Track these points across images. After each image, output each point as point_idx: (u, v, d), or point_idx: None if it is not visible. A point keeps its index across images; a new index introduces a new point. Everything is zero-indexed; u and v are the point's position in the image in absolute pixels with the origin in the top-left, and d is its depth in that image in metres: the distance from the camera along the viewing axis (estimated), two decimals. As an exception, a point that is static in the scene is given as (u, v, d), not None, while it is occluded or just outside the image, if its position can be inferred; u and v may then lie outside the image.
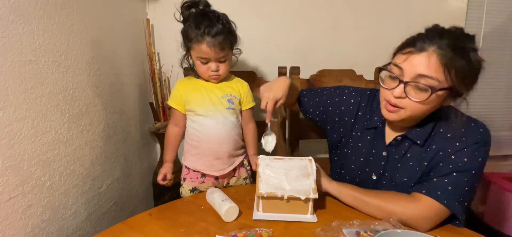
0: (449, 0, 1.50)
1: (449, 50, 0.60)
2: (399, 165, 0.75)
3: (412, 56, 0.63)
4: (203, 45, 0.82)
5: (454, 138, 0.69)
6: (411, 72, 0.63)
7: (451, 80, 0.61)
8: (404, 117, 0.68)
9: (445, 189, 0.66)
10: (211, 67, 0.86)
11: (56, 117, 0.79)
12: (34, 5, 0.71)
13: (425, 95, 0.63)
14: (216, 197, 0.76)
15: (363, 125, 0.83)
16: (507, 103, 1.69)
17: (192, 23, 0.83)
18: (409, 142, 0.74)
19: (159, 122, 1.36)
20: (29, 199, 0.71)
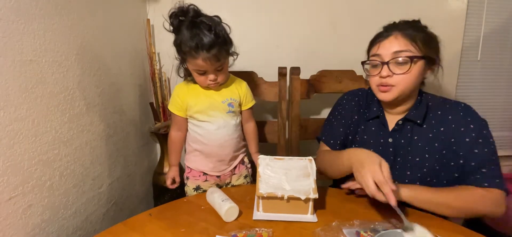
0: (449, 0, 1.50)
1: (408, 29, 0.75)
2: (409, 148, 0.80)
3: (383, 42, 0.76)
4: (198, 60, 0.79)
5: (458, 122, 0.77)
6: (388, 53, 0.75)
7: (421, 49, 0.74)
8: (398, 93, 0.76)
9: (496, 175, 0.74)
10: (209, 77, 0.84)
11: (56, 117, 0.79)
12: (35, 5, 0.71)
13: (406, 66, 0.74)
14: (216, 197, 0.76)
15: (364, 119, 0.88)
16: (507, 103, 1.69)
17: (184, 36, 0.79)
18: (410, 123, 0.80)
19: (159, 122, 1.36)
20: (29, 199, 0.71)
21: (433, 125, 0.79)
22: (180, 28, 0.80)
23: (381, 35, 0.78)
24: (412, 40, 0.73)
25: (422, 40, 0.74)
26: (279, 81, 1.25)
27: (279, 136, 1.26)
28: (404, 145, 0.81)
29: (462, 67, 1.58)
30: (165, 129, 1.35)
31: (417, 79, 0.76)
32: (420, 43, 0.74)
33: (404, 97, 0.79)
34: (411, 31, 0.74)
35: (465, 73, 1.60)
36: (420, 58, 0.74)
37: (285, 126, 1.27)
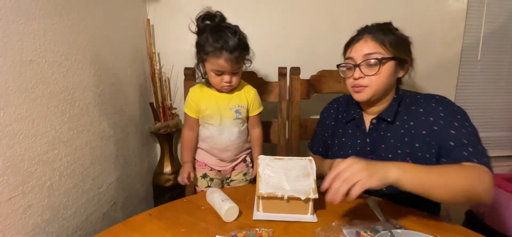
0: (449, 0, 1.50)
1: (378, 32, 0.79)
2: (383, 146, 0.82)
3: (355, 46, 0.81)
4: (220, 59, 0.84)
5: (429, 113, 0.78)
6: (359, 56, 0.79)
7: (390, 51, 0.77)
8: (371, 93, 0.80)
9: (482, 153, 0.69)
10: (225, 79, 0.89)
11: (56, 117, 0.79)
12: (35, 5, 0.71)
13: (376, 68, 0.77)
14: (216, 197, 0.76)
15: (343, 122, 0.93)
16: (507, 104, 1.69)
17: (210, 36, 0.85)
18: (384, 122, 0.83)
19: (159, 122, 1.36)
20: (29, 199, 0.71)
21: (404, 120, 0.81)
22: (206, 30, 0.87)
23: (354, 38, 0.83)
24: (381, 43, 0.78)
25: (390, 42, 0.78)
26: (279, 81, 1.25)
27: (279, 136, 1.26)
28: (379, 144, 0.83)
29: (462, 67, 1.58)
30: (165, 129, 1.35)
31: (389, 79, 0.79)
32: (389, 45, 0.77)
33: (378, 97, 0.82)
34: (380, 34, 0.78)
35: (465, 73, 1.60)
36: (389, 59, 0.78)
37: (285, 126, 1.27)
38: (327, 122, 1.00)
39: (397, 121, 0.83)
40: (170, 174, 1.38)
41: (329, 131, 0.97)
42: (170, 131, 1.36)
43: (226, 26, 0.88)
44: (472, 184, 0.64)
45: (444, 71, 1.56)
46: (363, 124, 0.88)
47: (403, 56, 0.80)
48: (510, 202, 1.41)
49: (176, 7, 1.41)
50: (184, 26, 1.42)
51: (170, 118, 1.39)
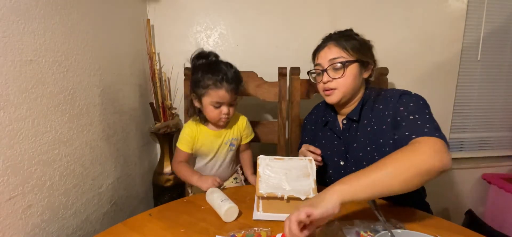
0: (449, 1, 1.50)
1: (340, 38, 0.86)
2: (355, 145, 0.86)
3: (320, 53, 0.89)
4: (221, 90, 0.88)
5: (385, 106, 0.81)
6: (325, 61, 0.86)
7: (352, 54, 0.84)
8: (340, 95, 0.86)
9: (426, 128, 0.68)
10: (223, 111, 0.91)
11: (56, 117, 0.79)
12: (35, 5, 0.71)
13: (341, 71, 0.84)
14: (216, 198, 0.76)
15: (321, 126, 0.98)
16: (507, 104, 1.69)
17: (208, 71, 0.89)
18: (354, 122, 0.88)
19: (159, 122, 1.36)
20: (29, 199, 0.71)
21: (369, 118, 0.85)
22: (201, 67, 0.92)
23: (320, 46, 0.90)
24: (343, 48, 0.84)
25: (352, 47, 0.84)
26: (279, 81, 1.25)
27: (279, 136, 1.26)
28: (352, 143, 0.87)
29: (462, 67, 1.58)
30: (165, 129, 1.35)
31: (354, 81, 0.85)
32: (351, 50, 0.84)
33: (347, 98, 0.88)
34: (342, 41, 0.85)
35: (465, 73, 1.60)
36: (352, 62, 0.84)
37: (285, 126, 1.27)
38: (308, 127, 1.06)
39: (364, 120, 0.86)
40: (170, 174, 1.38)
41: (310, 135, 1.03)
42: (170, 131, 1.36)
43: (221, 61, 0.95)
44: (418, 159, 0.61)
45: (444, 71, 1.56)
46: (337, 125, 0.93)
47: (365, 58, 0.86)
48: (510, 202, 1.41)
49: (176, 7, 1.41)
50: (184, 26, 1.44)
51: (170, 118, 1.39)
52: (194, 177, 0.90)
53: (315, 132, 1.01)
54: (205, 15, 1.43)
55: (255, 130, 1.26)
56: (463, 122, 1.68)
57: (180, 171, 0.96)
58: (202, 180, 0.88)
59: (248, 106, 1.50)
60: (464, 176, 1.73)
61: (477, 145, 1.72)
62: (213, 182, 0.86)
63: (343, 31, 0.90)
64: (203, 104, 0.92)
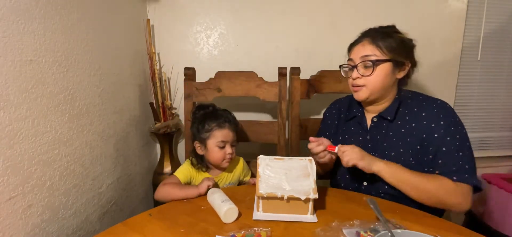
0: (449, 1, 1.50)
1: (376, 36, 0.83)
2: (385, 144, 0.86)
3: (354, 48, 0.87)
4: (224, 129, 0.96)
5: (430, 117, 0.83)
6: (357, 58, 0.85)
7: (385, 54, 0.82)
8: (368, 92, 0.85)
9: (466, 170, 0.77)
10: (227, 150, 0.97)
11: (56, 117, 0.79)
12: (35, 5, 0.71)
13: (370, 69, 0.83)
14: (216, 198, 0.76)
15: (345, 120, 0.98)
16: (507, 104, 1.69)
17: (211, 117, 0.98)
18: (385, 121, 0.88)
19: (159, 122, 1.36)
20: (29, 198, 0.71)
21: (406, 120, 0.86)
22: (203, 116, 0.99)
23: (355, 41, 0.88)
24: (377, 46, 0.82)
25: (387, 45, 0.82)
26: (279, 81, 1.25)
27: (279, 136, 1.26)
28: (380, 141, 0.87)
29: (462, 67, 1.58)
30: (165, 129, 1.35)
31: (384, 80, 0.83)
32: (385, 49, 0.82)
33: (376, 97, 0.87)
34: (378, 38, 0.83)
35: (465, 73, 1.60)
36: (383, 61, 0.82)
37: (285, 126, 1.27)
38: (329, 122, 1.04)
39: (398, 120, 0.86)
40: (170, 174, 1.37)
41: (331, 130, 1.02)
42: (170, 131, 1.36)
43: (218, 109, 1.03)
44: (440, 197, 0.76)
45: (444, 71, 1.56)
46: (365, 122, 0.92)
47: (399, 58, 0.83)
48: (510, 202, 1.41)
49: (176, 7, 1.41)
50: (184, 26, 1.44)
51: (170, 118, 1.39)
52: (190, 190, 0.85)
53: (337, 126, 1.01)
54: (205, 15, 1.43)
55: (255, 130, 1.26)
56: (463, 122, 1.67)
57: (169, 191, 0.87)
58: (199, 187, 0.85)
59: (248, 106, 1.50)
60: (464, 176, 1.72)
61: (477, 145, 1.72)
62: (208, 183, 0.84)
63: (384, 27, 0.87)
64: (208, 147, 0.97)
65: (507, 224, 1.42)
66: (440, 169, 0.79)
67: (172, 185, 0.90)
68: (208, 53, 1.46)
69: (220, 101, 1.25)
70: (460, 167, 0.78)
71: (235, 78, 1.25)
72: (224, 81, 1.25)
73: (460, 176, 0.77)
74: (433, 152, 0.81)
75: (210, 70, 1.34)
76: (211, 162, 0.99)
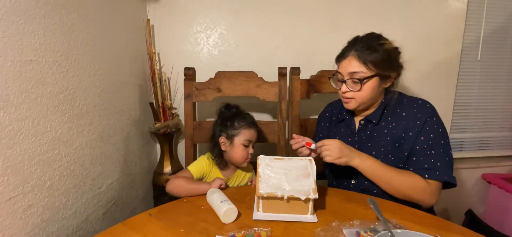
0: (449, 1, 1.50)
1: (362, 51, 0.84)
2: (369, 144, 0.91)
3: (341, 62, 0.89)
4: (251, 130, 1.02)
5: (409, 117, 0.87)
6: (345, 73, 0.87)
7: (371, 69, 0.84)
8: (357, 104, 0.89)
9: (438, 167, 0.82)
10: (250, 150, 1.01)
11: (56, 117, 0.79)
12: (35, 5, 0.71)
13: (358, 85, 0.85)
14: (216, 198, 0.76)
15: (336, 122, 1.03)
16: (507, 104, 1.69)
17: (239, 116, 1.02)
18: (371, 124, 0.92)
19: (159, 122, 1.36)
20: (29, 199, 0.71)
21: (389, 121, 0.90)
22: (232, 114, 1.03)
23: (342, 54, 0.89)
24: (364, 62, 0.83)
25: (373, 61, 0.83)
26: (279, 81, 1.25)
27: (279, 136, 1.26)
28: (366, 142, 0.92)
29: (462, 67, 1.58)
30: (165, 129, 1.35)
31: (372, 93, 0.86)
32: (371, 65, 0.83)
33: (366, 106, 0.91)
34: (364, 53, 0.83)
35: (465, 73, 1.60)
36: (370, 77, 0.84)
37: (285, 126, 1.27)
38: (322, 124, 1.10)
39: (382, 122, 0.91)
40: (170, 174, 1.38)
41: (324, 132, 1.07)
42: (170, 131, 1.36)
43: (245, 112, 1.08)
44: (409, 193, 0.82)
45: (444, 71, 1.56)
46: (353, 124, 0.97)
47: (386, 72, 0.86)
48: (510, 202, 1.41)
49: (176, 7, 1.41)
50: (184, 26, 1.44)
51: (170, 118, 1.39)
52: (202, 186, 0.88)
53: (330, 128, 1.05)
54: (205, 15, 1.43)
55: (255, 130, 1.26)
56: (463, 122, 1.68)
57: (181, 185, 0.89)
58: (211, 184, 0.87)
59: (248, 106, 1.50)
60: (464, 176, 1.73)
61: (477, 145, 1.72)
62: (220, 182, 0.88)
63: (370, 40, 0.87)
64: (235, 144, 1.00)
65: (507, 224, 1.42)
66: (414, 166, 0.84)
67: (185, 179, 0.92)
68: (208, 53, 1.46)
69: (220, 101, 1.25)
70: (431, 165, 0.82)
71: (235, 78, 1.25)
72: (224, 81, 1.25)
73: (431, 173, 0.81)
74: (408, 150, 0.85)
75: (210, 70, 1.35)
76: (233, 159, 1.01)
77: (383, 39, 0.87)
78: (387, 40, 0.87)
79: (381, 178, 0.84)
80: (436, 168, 0.82)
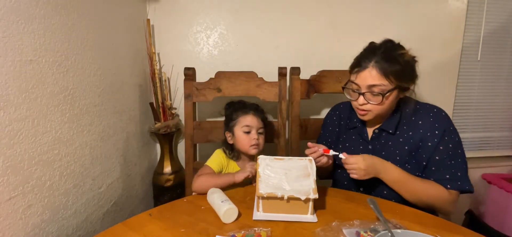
0: (449, 1, 1.50)
1: (383, 62, 0.80)
2: (383, 153, 0.88)
3: (360, 73, 0.83)
4: (248, 116, 1.01)
5: (425, 126, 0.86)
6: (363, 85, 0.83)
7: (393, 82, 0.80)
8: (374, 116, 0.86)
9: (458, 177, 0.82)
10: (252, 136, 1.00)
11: (56, 117, 0.79)
12: (35, 5, 0.71)
13: (379, 98, 0.81)
14: (216, 198, 0.76)
15: (346, 128, 1.00)
16: (507, 104, 1.69)
17: (237, 107, 1.04)
18: (385, 132, 0.90)
19: (159, 122, 1.36)
20: (29, 199, 0.71)
21: (404, 130, 0.88)
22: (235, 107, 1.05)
23: (360, 64, 0.83)
24: (385, 74, 0.79)
25: (395, 74, 0.79)
26: (279, 81, 1.25)
27: (279, 136, 1.26)
28: (380, 151, 0.89)
29: (462, 67, 1.58)
30: (165, 129, 1.35)
31: (390, 104, 0.84)
32: (393, 77, 0.80)
33: (382, 117, 0.89)
34: (385, 64, 0.79)
35: (465, 73, 1.60)
36: (392, 90, 0.81)
37: (285, 126, 1.27)
38: (330, 128, 1.05)
39: (397, 131, 0.89)
40: (170, 174, 1.38)
41: (333, 136, 1.03)
42: (170, 131, 1.36)
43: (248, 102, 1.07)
44: (432, 202, 0.82)
45: (444, 71, 1.56)
46: (365, 132, 0.94)
47: (406, 84, 0.83)
48: (510, 202, 1.41)
49: (176, 7, 1.41)
50: (184, 26, 1.44)
51: (170, 118, 1.39)
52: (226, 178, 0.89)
53: (339, 133, 1.02)
54: (205, 15, 1.43)
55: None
56: (463, 122, 1.68)
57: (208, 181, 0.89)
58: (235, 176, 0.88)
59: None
60: (464, 176, 1.73)
61: (477, 145, 1.72)
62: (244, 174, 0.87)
63: (388, 49, 0.82)
64: (235, 134, 1.01)
65: (507, 224, 1.42)
66: (434, 177, 0.83)
67: (209, 175, 0.93)
68: (208, 53, 1.46)
69: (220, 101, 1.25)
70: (452, 175, 0.82)
71: (235, 78, 1.25)
72: (224, 81, 1.25)
73: (453, 184, 0.82)
74: (426, 159, 0.84)
75: (210, 70, 1.35)
76: (240, 149, 1.02)
77: (402, 48, 0.83)
78: (405, 49, 0.83)
79: (406, 189, 0.82)
80: (457, 178, 0.82)
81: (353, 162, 0.80)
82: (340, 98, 1.09)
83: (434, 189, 0.82)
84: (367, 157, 0.81)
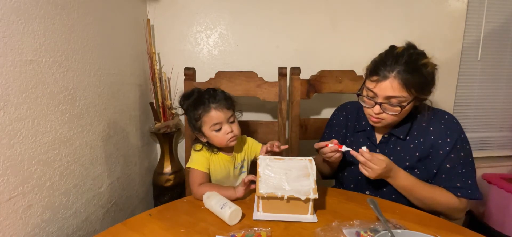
0: (449, 1, 1.50)
1: (405, 74, 0.75)
2: (392, 157, 0.83)
3: (379, 83, 0.78)
4: (211, 111, 0.88)
5: (436, 133, 0.84)
6: (382, 95, 0.79)
7: (413, 94, 0.78)
8: (387, 124, 0.84)
9: (469, 185, 0.81)
10: (225, 130, 0.89)
11: (56, 117, 0.79)
12: (35, 5, 0.71)
13: (397, 109, 0.79)
14: (214, 205, 0.74)
15: (353, 130, 0.97)
16: (507, 104, 1.69)
17: (195, 106, 0.91)
18: (395, 137, 0.88)
19: (159, 122, 1.36)
20: (29, 198, 0.71)
21: (415, 136, 0.86)
22: (189, 106, 0.93)
23: (379, 73, 0.78)
24: (406, 86, 0.76)
25: (417, 86, 0.76)
26: (279, 81, 1.25)
27: (279, 136, 1.26)
28: (388, 156, 0.84)
29: (462, 67, 1.58)
30: (165, 129, 1.35)
31: (406, 113, 0.82)
32: (414, 90, 0.77)
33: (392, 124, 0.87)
34: (409, 77, 0.75)
35: (465, 73, 1.60)
36: (411, 102, 0.79)
37: (285, 126, 1.27)
38: (336, 129, 1.02)
39: (408, 137, 0.87)
40: (170, 174, 1.38)
41: (339, 137, 0.99)
42: (170, 131, 1.36)
43: (203, 91, 0.94)
44: (441, 209, 0.83)
45: (444, 71, 1.55)
46: (374, 136, 0.92)
47: (425, 96, 0.81)
48: (510, 202, 1.41)
49: (176, 7, 1.41)
50: (184, 26, 1.44)
51: (170, 118, 1.39)
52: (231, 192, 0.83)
53: (345, 135, 1.00)
54: (205, 15, 1.43)
55: (255, 130, 1.26)
56: (463, 122, 1.66)
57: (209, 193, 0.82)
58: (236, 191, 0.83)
59: (248, 106, 1.50)
60: (464, 176, 1.72)
61: (477, 145, 1.72)
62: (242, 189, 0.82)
63: (412, 58, 0.77)
64: (206, 134, 0.91)
65: (507, 224, 1.42)
66: (445, 184, 0.82)
67: (210, 186, 0.87)
68: (208, 53, 1.46)
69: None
70: (463, 184, 0.81)
71: (235, 78, 1.25)
72: (224, 81, 1.25)
73: (464, 192, 0.81)
74: (436, 167, 0.83)
75: (210, 70, 1.35)
76: (218, 146, 0.93)
77: (425, 57, 0.79)
78: (427, 56, 0.80)
79: (415, 196, 0.82)
80: (467, 186, 0.81)
81: (375, 161, 0.76)
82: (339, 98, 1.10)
83: (444, 196, 0.81)
84: (389, 161, 0.78)
